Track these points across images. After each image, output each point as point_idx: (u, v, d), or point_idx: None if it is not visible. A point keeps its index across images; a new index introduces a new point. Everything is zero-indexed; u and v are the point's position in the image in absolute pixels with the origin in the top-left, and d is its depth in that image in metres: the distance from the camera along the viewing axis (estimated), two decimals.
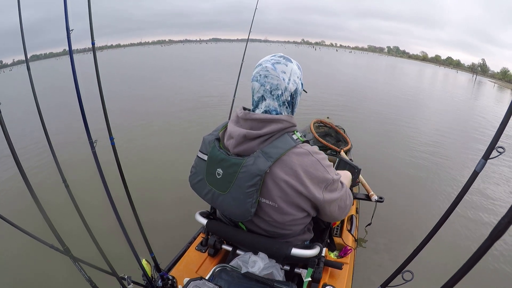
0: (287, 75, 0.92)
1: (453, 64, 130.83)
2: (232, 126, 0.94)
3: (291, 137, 0.90)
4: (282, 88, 0.92)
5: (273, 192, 0.88)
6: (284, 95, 0.93)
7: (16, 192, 2.79)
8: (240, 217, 0.93)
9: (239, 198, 0.88)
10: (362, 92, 10.43)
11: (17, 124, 5.29)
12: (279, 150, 0.86)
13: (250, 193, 0.86)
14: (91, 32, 1.09)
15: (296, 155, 0.87)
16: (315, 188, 0.88)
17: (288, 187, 0.87)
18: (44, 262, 1.95)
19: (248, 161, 0.86)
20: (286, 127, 0.91)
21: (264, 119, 0.89)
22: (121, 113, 5.89)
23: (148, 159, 3.85)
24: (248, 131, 0.88)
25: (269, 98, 0.93)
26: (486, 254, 0.45)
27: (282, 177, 0.86)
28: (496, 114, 9.29)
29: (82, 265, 0.97)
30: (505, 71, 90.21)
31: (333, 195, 0.92)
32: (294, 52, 49.91)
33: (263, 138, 0.89)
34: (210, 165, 0.94)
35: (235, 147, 0.91)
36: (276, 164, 0.86)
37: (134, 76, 13.58)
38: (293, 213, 0.91)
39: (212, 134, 1.00)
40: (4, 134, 0.82)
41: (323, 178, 0.88)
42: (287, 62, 0.93)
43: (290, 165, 0.86)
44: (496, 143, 0.76)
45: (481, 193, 3.24)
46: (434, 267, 1.83)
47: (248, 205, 0.88)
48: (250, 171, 0.85)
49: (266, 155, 0.85)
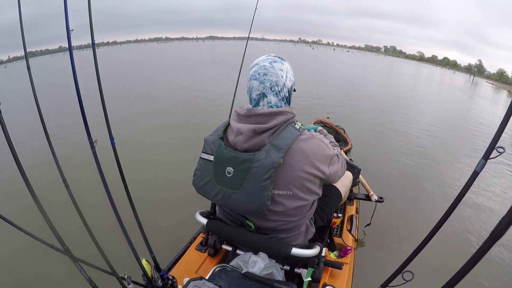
0: (284, 72, 0.99)
1: (450, 64, 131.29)
2: (237, 124, 0.97)
3: (294, 127, 0.96)
4: (281, 84, 0.98)
5: (287, 181, 0.93)
6: (283, 91, 0.99)
7: (16, 191, 2.78)
8: (256, 212, 0.94)
9: (254, 193, 0.90)
10: (363, 92, 10.45)
11: (17, 124, 5.27)
12: (287, 141, 0.91)
13: (265, 186, 0.89)
14: (91, 32, 1.09)
15: (303, 142, 0.93)
16: (323, 166, 0.97)
17: (302, 171, 0.93)
18: (44, 262, 1.94)
19: (260, 155, 0.89)
20: (290, 118, 0.97)
21: (270, 112, 0.94)
22: (121, 113, 5.88)
23: (148, 158, 3.83)
24: (257, 125, 0.92)
25: (270, 94, 0.97)
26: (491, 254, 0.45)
27: (295, 164, 0.92)
28: (495, 115, 9.33)
29: (82, 265, 0.96)
30: (502, 72, 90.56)
31: (335, 167, 1.03)
32: (292, 50, 49.98)
33: (271, 130, 0.93)
34: (218, 164, 0.95)
35: (245, 142, 0.93)
36: (287, 153, 0.91)
37: (132, 73, 13.55)
38: (305, 197, 0.97)
39: (214, 134, 1.02)
40: (4, 134, 0.82)
41: (328, 155, 0.98)
42: (282, 61, 1.00)
43: (301, 151, 0.92)
44: (496, 143, 0.77)
45: (481, 193, 3.25)
46: (434, 267, 1.84)
47: (264, 198, 0.90)
48: (264, 165, 0.87)
49: (276, 147, 0.89)
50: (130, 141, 4.38)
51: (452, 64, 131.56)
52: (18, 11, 1.15)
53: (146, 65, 18.96)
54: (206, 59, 24.03)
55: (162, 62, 20.34)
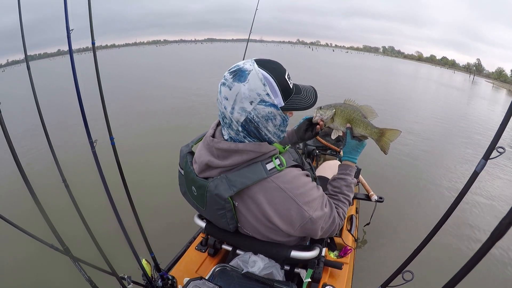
0: (229, 102, 0.75)
1: (449, 64, 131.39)
2: (200, 148, 0.87)
3: (264, 166, 0.77)
4: (228, 117, 0.77)
5: (246, 224, 0.87)
6: (233, 125, 0.78)
7: (15, 191, 2.77)
8: (224, 228, 0.92)
9: (214, 216, 0.87)
10: (364, 92, 10.43)
11: (17, 123, 5.26)
12: (244, 181, 0.76)
13: (221, 215, 0.83)
14: (91, 32, 1.09)
15: (262, 191, 0.77)
16: (287, 227, 0.80)
17: (258, 222, 0.83)
18: (44, 262, 1.95)
19: (210, 185, 0.79)
20: (252, 158, 0.78)
21: (227, 149, 0.78)
22: (122, 112, 5.88)
23: (149, 158, 3.84)
24: (210, 160, 0.80)
25: (224, 124, 0.81)
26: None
27: (250, 211, 0.81)
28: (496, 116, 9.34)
29: (82, 265, 0.97)
30: (501, 71, 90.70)
31: (312, 226, 0.82)
32: (291, 52, 49.89)
33: (226, 168, 0.80)
34: (187, 181, 0.91)
35: (199, 173, 0.85)
36: (243, 194, 0.79)
37: (133, 75, 13.55)
38: (279, 240, 0.89)
39: (188, 145, 0.94)
40: (4, 134, 0.82)
41: (297, 217, 0.78)
42: (233, 83, 0.74)
43: (256, 202, 0.78)
44: (497, 143, 0.77)
45: (482, 193, 3.25)
46: (434, 267, 1.84)
47: (224, 223, 0.87)
48: (213, 196, 0.79)
49: (230, 182, 0.77)
50: (131, 140, 4.38)
51: (451, 64, 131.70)
52: (18, 12, 1.15)
53: (148, 67, 18.94)
54: (207, 61, 23.97)
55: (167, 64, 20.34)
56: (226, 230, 1.00)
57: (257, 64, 0.76)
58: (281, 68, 0.79)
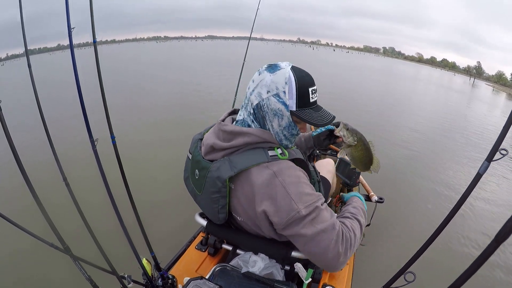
0: (253, 84, 0.83)
1: (449, 66, 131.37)
2: (209, 133, 0.93)
3: (266, 152, 0.81)
4: (247, 97, 0.85)
5: (238, 207, 0.87)
6: (248, 106, 0.85)
7: (16, 189, 2.77)
8: (213, 219, 0.95)
9: (208, 202, 0.89)
10: (364, 93, 10.44)
11: (16, 119, 5.24)
12: (246, 163, 0.79)
13: (215, 199, 0.86)
14: (92, 31, 1.08)
15: (259, 174, 0.78)
16: (275, 217, 0.77)
17: (249, 206, 0.83)
18: (44, 261, 1.94)
19: (213, 166, 0.83)
20: (255, 141, 0.82)
21: (232, 131, 0.83)
22: (122, 111, 5.86)
23: (149, 157, 3.83)
24: (215, 142, 0.85)
25: (243, 106, 0.89)
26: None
27: (244, 193, 0.82)
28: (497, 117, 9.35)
29: (82, 264, 0.96)
30: (501, 74, 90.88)
31: (300, 230, 0.76)
32: (291, 51, 49.88)
33: (229, 150, 0.83)
34: (192, 164, 0.95)
35: (205, 155, 0.89)
36: (241, 177, 0.81)
37: (134, 71, 13.53)
38: (268, 234, 0.89)
39: (200, 133, 1.00)
40: (4, 131, 0.81)
41: (286, 208, 0.75)
42: (264, 71, 0.83)
43: (251, 183, 0.79)
44: (500, 145, 0.77)
45: (485, 196, 3.24)
46: (437, 268, 1.84)
47: (214, 210, 0.89)
48: (212, 177, 0.83)
49: (231, 163, 0.80)
50: (131, 139, 4.37)
51: (451, 66, 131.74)
52: (19, 7, 1.14)
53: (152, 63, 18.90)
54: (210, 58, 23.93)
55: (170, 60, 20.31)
56: (226, 228, 1.01)
57: (292, 67, 0.83)
58: (310, 80, 0.83)
